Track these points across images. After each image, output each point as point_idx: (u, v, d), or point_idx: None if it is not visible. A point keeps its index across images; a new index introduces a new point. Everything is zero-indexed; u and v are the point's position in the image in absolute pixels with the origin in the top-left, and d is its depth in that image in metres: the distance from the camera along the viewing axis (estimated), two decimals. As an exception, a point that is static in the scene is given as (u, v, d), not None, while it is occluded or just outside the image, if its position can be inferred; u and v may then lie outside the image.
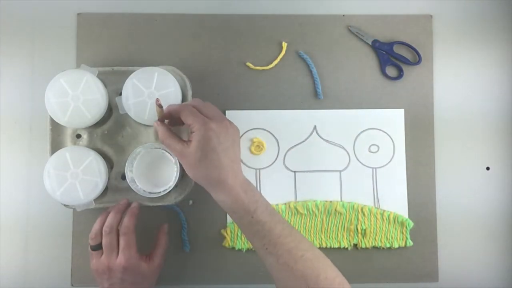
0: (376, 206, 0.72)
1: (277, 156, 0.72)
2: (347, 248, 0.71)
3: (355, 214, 0.71)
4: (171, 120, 0.60)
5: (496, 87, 0.74)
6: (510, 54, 0.74)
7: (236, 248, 0.70)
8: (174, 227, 0.71)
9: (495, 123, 0.74)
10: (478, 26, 0.74)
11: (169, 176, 0.64)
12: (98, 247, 0.63)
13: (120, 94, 0.65)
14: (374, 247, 0.72)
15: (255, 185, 0.71)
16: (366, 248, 0.71)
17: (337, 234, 0.71)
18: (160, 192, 0.64)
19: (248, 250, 0.71)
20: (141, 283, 0.63)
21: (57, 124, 0.64)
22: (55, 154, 0.63)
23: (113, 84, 0.66)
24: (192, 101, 0.59)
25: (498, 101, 0.74)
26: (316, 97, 0.72)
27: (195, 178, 0.57)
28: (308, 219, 0.71)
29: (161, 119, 0.60)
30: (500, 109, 0.74)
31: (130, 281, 0.62)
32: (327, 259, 0.56)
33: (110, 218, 0.63)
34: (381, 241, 0.71)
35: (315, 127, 0.72)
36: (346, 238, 0.71)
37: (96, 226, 0.63)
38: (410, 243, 0.71)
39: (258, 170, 0.72)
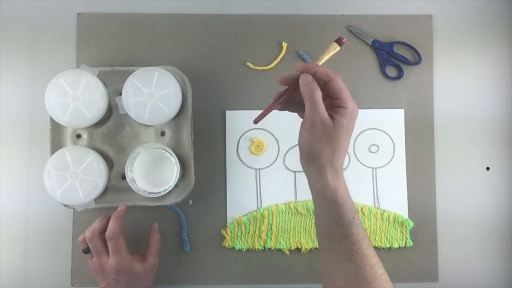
0: (376, 206, 0.72)
1: (277, 156, 0.72)
2: (347, 248, 0.71)
3: (355, 214, 0.71)
4: (295, 87, 0.55)
5: (496, 87, 0.74)
6: (510, 54, 0.74)
7: (236, 248, 0.70)
8: (174, 227, 0.71)
9: (495, 123, 0.74)
10: (478, 26, 0.74)
11: (169, 176, 0.64)
12: (88, 251, 0.64)
13: (120, 94, 0.65)
14: (374, 247, 0.71)
15: (255, 185, 0.71)
16: (366, 248, 0.71)
17: (337, 234, 0.71)
18: (160, 192, 0.64)
19: (248, 250, 0.71)
20: (137, 283, 0.63)
21: (57, 124, 0.64)
22: (55, 154, 0.63)
23: (113, 84, 0.66)
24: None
25: (498, 101, 0.74)
26: (316, 97, 0.72)
27: (314, 150, 0.53)
28: (308, 219, 0.71)
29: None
30: (500, 109, 0.74)
31: (125, 282, 0.62)
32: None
33: (94, 224, 0.63)
34: (381, 241, 0.71)
35: (315, 127, 0.72)
36: (346, 238, 0.71)
37: (85, 233, 0.64)
38: (410, 243, 0.71)
39: (258, 170, 0.72)
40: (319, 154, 0.53)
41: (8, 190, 0.71)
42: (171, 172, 0.64)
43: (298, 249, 0.71)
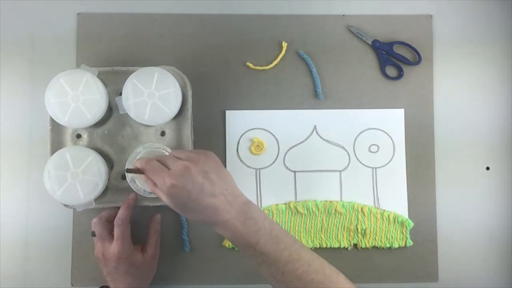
0: (376, 206, 0.72)
1: (277, 156, 0.72)
2: (347, 248, 0.71)
3: (355, 214, 0.71)
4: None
5: (496, 87, 0.74)
6: (510, 54, 0.74)
7: (236, 248, 0.70)
8: (174, 227, 0.71)
9: (495, 123, 0.74)
10: (478, 26, 0.74)
11: (169, 176, 0.64)
12: (95, 234, 0.65)
13: (120, 94, 0.65)
14: (374, 247, 0.72)
15: (255, 185, 0.71)
16: (366, 248, 0.71)
17: (337, 234, 0.71)
18: (160, 192, 0.64)
19: (248, 250, 0.71)
20: (136, 274, 0.64)
21: (57, 124, 0.64)
22: (55, 154, 0.63)
23: (113, 84, 0.66)
24: (157, 157, 0.58)
25: (498, 101, 0.74)
26: (316, 97, 0.72)
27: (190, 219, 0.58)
28: (308, 219, 0.71)
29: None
30: (500, 109, 0.74)
31: (124, 270, 0.63)
32: (339, 276, 0.54)
33: (104, 211, 0.66)
34: (381, 241, 0.71)
35: (315, 127, 0.72)
36: (346, 238, 0.71)
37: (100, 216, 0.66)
38: (410, 243, 0.71)
39: (258, 170, 0.72)
40: (199, 221, 0.57)
41: (8, 190, 0.71)
42: (171, 172, 0.64)
43: (298, 249, 0.71)
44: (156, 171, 0.55)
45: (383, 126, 0.73)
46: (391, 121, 0.73)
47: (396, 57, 0.73)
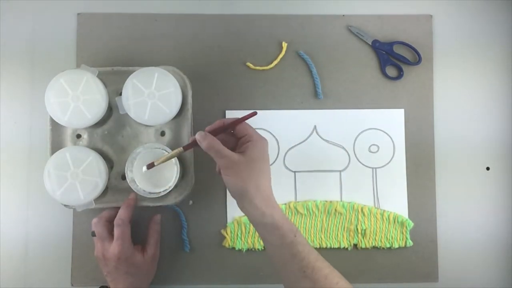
0: (376, 206, 0.72)
1: (277, 156, 0.72)
2: (347, 248, 0.71)
3: (355, 214, 0.71)
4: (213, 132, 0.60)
5: (496, 87, 0.74)
6: (510, 54, 0.74)
7: (236, 248, 0.70)
8: (174, 227, 0.71)
9: (495, 123, 0.74)
10: (478, 26, 0.74)
11: (169, 176, 0.64)
12: (95, 234, 0.65)
13: (120, 94, 0.65)
14: (374, 247, 0.72)
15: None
16: (366, 248, 0.71)
17: (337, 234, 0.71)
18: (160, 192, 0.64)
19: (248, 250, 0.71)
20: (136, 274, 0.64)
21: (57, 124, 0.64)
22: (55, 154, 0.63)
23: (113, 84, 0.66)
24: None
25: (498, 101, 0.74)
26: (316, 97, 0.72)
27: (239, 187, 0.56)
28: (308, 219, 0.71)
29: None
30: (500, 109, 0.74)
31: (124, 271, 0.63)
32: None
33: (105, 211, 0.66)
34: (381, 241, 0.71)
35: (315, 127, 0.72)
36: (346, 238, 0.71)
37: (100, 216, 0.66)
38: (410, 243, 0.71)
39: (258, 170, 0.72)
40: (244, 189, 0.56)
41: (8, 190, 0.71)
42: (171, 172, 0.64)
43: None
44: (251, 127, 0.59)
45: (383, 126, 0.73)
46: (391, 121, 0.73)
47: (396, 57, 0.73)
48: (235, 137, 0.60)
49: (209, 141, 0.57)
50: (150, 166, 0.60)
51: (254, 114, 0.60)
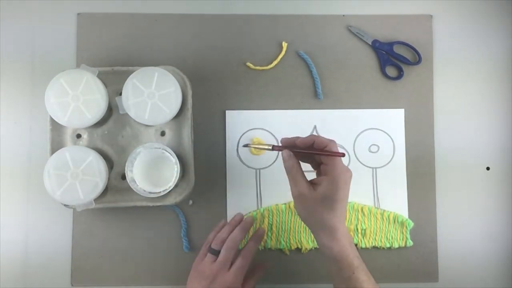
0: (376, 206, 0.72)
1: (277, 156, 0.72)
2: (347, 248, 0.71)
3: (355, 214, 0.71)
4: (299, 152, 0.58)
5: (496, 87, 0.74)
6: (510, 54, 0.74)
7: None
8: (174, 227, 0.71)
9: (495, 123, 0.74)
10: (478, 26, 0.74)
11: (169, 176, 0.64)
12: (216, 253, 0.63)
13: (120, 94, 0.65)
14: (374, 247, 0.72)
15: (255, 185, 0.71)
16: (366, 248, 0.71)
17: (337, 234, 0.71)
18: (160, 192, 0.64)
19: (248, 250, 0.71)
20: None
21: (57, 124, 0.64)
22: (55, 154, 0.63)
23: (113, 84, 0.66)
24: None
25: (498, 101, 0.74)
26: (316, 97, 0.72)
27: (306, 218, 0.57)
28: (308, 219, 0.71)
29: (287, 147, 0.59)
30: (500, 109, 0.74)
31: None
32: None
33: (237, 234, 0.64)
34: (381, 241, 0.71)
35: (315, 127, 0.72)
36: (346, 238, 0.71)
37: (223, 234, 0.65)
38: (410, 243, 0.71)
39: (258, 170, 0.72)
40: (309, 220, 0.57)
41: (8, 190, 0.71)
42: (171, 172, 0.64)
43: (298, 249, 0.71)
44: (338, 162, 0.56)
45: (383, 126, 0.73)
46: (391, 121, 0.73)
47: (396, 57, 0.73)
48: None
49: (291, 164, 0.57)
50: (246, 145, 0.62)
51: (343, 155, 0.56)
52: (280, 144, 0.60)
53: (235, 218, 0.68)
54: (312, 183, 0.57)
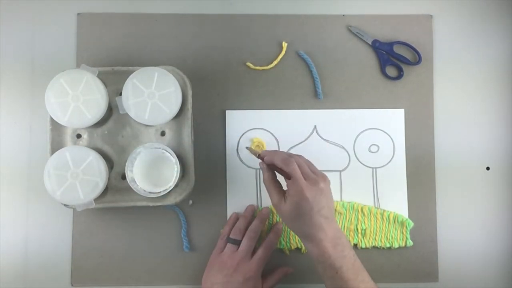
0: (376, 206, 0.72)
1: (277, 156, 0.72)
2: (347, 248, 0.71)
3: (355, 214, 0.71)
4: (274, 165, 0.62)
5: (496, 87, 0.74)
6: (510, 54, 0.74)
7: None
8: (174, 227, 0.71)
9: (495, 123, 0.74)
10: (478, 26, 0.74)
11: (169, 176, 0.64)
12: (237, 242, 0.66)
13: (120, 94, 0.65)
14: (374, 247, 0.72)
15: (255, 185, 0.71)
16: (366, 248, 0.71)
17: (337, 234, 0.71)
18: (160, 192, 0.64)
19: (248, 250, 0.71)
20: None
21: (57, 124, 0.64)
22: (55, 154, 0.63)
23: (113, 84, 0.66)
24: (293, 157, 0.61)
25: (498, 101, 0.74)
26: (316, 97, 0.72)
27: (288, 227, 0.62)
28: (308, 219, 0.71)
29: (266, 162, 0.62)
30: (500, 109, 0.74)
31: (238, 282, 0.63)
32: None
33: (257, 224, 0.67)
34: (381, 241, 0.71)
35: (315, 127, 0.72)
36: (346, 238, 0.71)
37: (241, 225, 0.67)
38: (410, 243, 0.71)
39: (258, 170, 0.72)
40: (289, 227, 0.61)
41: (8, 190, 0.71)
42: (171, 172, 0.64)
43: (298, 249, 0.71)
44: (296, 178, 0.58)
45: (383, 126, 0.73)
46: (391, 121, 0.73)
47: (396, 57, 0.73)
48: None
49: (265, 177, 0.62)
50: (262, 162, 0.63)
51: (288, 177, 0.60)
52: (278, 145, 0.61)
53: (248, 209, 0.70)
54: (285, 195, 0.60)
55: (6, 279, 0.70)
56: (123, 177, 0.66)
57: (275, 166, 0.61)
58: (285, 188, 0.60)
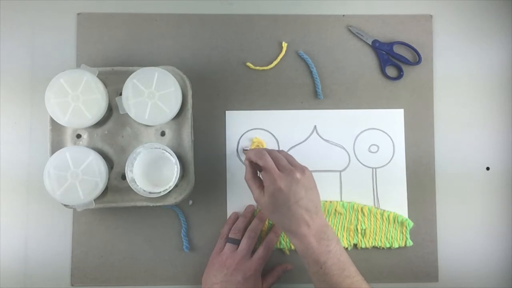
0: (376, 206, 0.72)
1: (277, 156, 0.72)
2: (347, 248, 0.71)
3: (355, 214, 0.71)
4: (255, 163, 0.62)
5: (496, 87, 0.74)
6: (510, 54, 0.74)
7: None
8: (174, 227, 0.71)
9: (495, 123, 0.74)
10: (478, 26, 0.74)
11: (169, 176, 0.64)
12: (236, 242, 0.66)
13: (120, 94, 0.65)
14: (374, 247, 0.72)
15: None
16: (366, 248, 0.71)
17: (337, 234, 0.71)
18: (160, 192, 0.64)
19: (248, 250, 0.71)
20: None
21: (57, 124, 0.64)
22: (55, 154, 0.63)
23: (113, 84, 0.66)
24: (269, 151, 0.61)
25: (498, 101, 0.74)
26: (316, 97, 0.72)
27: (271, 221, 0.62)
28: (308, 219, 0.71)
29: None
30: (500, 109, 0.74)
31: (237, 280, 0.64)
32: None
33: (257, 224, 0.68)
34: (381, 241, 0.71)
35: (315, 127, 0.72)
36: (346, 238, 0.71)
37: (240, 224, 0.68)
38: (410, 243, 0.71)
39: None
40: (274, 222, 0.61)
41: (8, 190, 0.71)
42: (171, 172, 0.64)
43: (298, 249, 0.71)
44: (267, 167, 0.58)
45: (383, 126, 0.73)
46: (391, 121, 0.73)
47: (396, 57, 0.73)
48: None
49: (246, 175, 0.62)
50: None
51: (259, 169, 0.61)
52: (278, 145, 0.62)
53: (247, 209, 0.70)
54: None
55: (6, 279, 0.70)
56: (123, 177, 0.66)
57: (255, 163, 0.61)
58: None
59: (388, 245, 0.71)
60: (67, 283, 0.70)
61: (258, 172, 0.63)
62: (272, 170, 0.58)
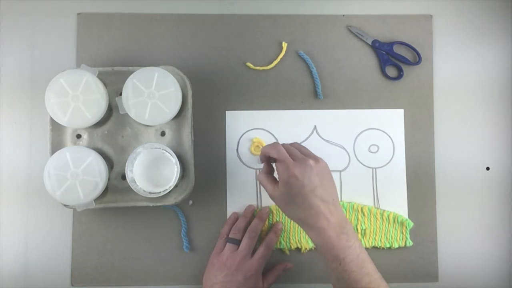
0: (376, 206, 0.72)
1: (277, 156, 0.72)
2: (347, 248, 0.71)
3: (355, 214, 0.71)
4: (269, 159, 0.62)
5: (496, 87, 0.74)
6: (509, 54, 0.74)
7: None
8: (174, 227, 0.71)
9: (495, 123, 0.74)
10: (478, 26, 0.74)
11: (169, 176, 0.64)
12: (236, 242, 0.66)
13: (120, 94, 0.65)
14: (374, 247, 0.72)
15: (255, 185, 0.71)
16: (366, 248, 0.71)
17: (337, 234, 0.71)
18: (160, 192, 0.64)
19: (248, 250, 0.71)
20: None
21: (57, 124, 0.64)
22: (55, 154, 0.63)
23: (113, 84, 0.66)
24: (283, 144, 0.61)
25: (498, 101, 0.74)
26: (316, 97, 0.72)
27: (287, 215, 0.59)
28: (308, 219, 0.71)
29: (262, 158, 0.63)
30: (500, 109, 0.74)
31: (238, 281, 0.64)
32: None
33: (257, 223, 0.68)
34: (381, 241, 0.71)
35: (315, 127, 0.72)
36: (346, 238, 0.71)
37: (240, 224, 0.68)
38: (410, 243, 0.71)
39: (258, 170, 0.72)
40: (290, 217, 0.59)
41: (8, 190, 0.71)
42: (171, 172, 0.64)
43: (298, 249, 0.71)
44: (280, 156, 0.58)
45: (383, 126, 0.73)
46: (391, 121, 0.73)
47: (396, 57, 0.73)
48: None
49: (260, 174, 0.61)
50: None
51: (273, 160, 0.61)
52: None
53: (247, 209, 0.70)
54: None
55: (6, 279, 0.70)
56: (123, 177, 0.66)
57: (269, 158, 0.61)
58: None
59: (388, 245, 0.71)
60: (67, 283, 0.70)
61: (271, 171, 0.62)
62: (286, 159, 0.57)
